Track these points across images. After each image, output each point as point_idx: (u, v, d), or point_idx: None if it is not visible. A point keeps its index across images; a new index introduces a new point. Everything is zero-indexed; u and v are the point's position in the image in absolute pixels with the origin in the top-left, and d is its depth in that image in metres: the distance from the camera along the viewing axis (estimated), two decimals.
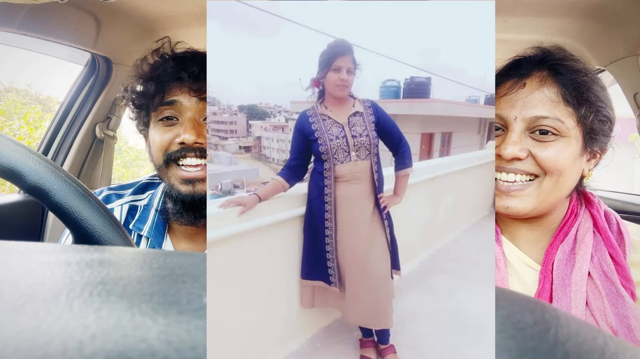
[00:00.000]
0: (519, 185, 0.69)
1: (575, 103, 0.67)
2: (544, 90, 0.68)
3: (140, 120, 0.91)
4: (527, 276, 0.72)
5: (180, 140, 0.83)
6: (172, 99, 0.84)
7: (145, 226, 0.91)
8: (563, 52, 0.73)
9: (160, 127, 0.86)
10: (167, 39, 0.92)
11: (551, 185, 0.68)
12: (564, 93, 0.67)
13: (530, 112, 0.67)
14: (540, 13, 1.16)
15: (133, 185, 1.00)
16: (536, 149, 0.67)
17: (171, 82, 0.84)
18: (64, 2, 0.91)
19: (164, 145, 0.85)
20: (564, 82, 0.67)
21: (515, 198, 0.69)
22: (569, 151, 0.67)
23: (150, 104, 0.86)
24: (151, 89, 0.84)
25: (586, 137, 0.68)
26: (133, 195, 0.97)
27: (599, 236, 0.71)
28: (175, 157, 0.84)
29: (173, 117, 0.85)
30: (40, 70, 13.42)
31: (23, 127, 6.21)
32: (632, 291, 0.66)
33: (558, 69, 0.69)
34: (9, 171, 0.41)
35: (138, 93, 0.87)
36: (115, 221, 0.44)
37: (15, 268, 0.21)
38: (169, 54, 0.90)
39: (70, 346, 0.14)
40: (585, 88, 0.67)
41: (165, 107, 0.85)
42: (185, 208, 0.86)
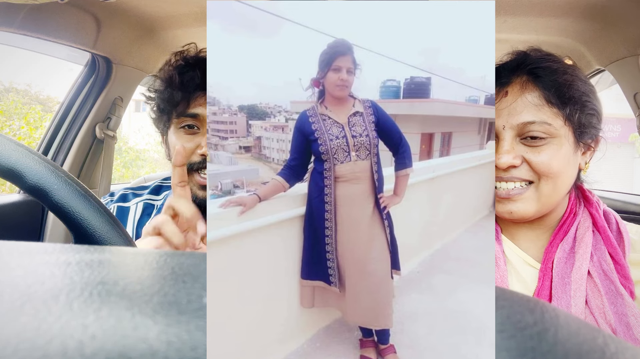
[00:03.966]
0: (519, 189, 0.69)
1: (559, 103, 0.67)
2: (526, 95, 0.68)
3: (160, 122, 0.93)
4: (527, 275, 0.73)
5: (202, 152, 0.86)
6: (195, 112, 0.87)
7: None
8: (539, 52, 0.73)
9: (182, 134, 0.89)
10: (194, 45, 0.94)
11: (550, 187, 0.68)
12: (546, 96, 0.67)
13: (516, 119, 0.68)
14: (540, 13, 1.16)
15: (150, 186, 1.03)
16: (529, 154, 0.68)
17: (197, 91, 0.87)
18: (64, 2, 0.92)
19: (186, 153, 0.88)
20: (544, 84, 0.68)
21: (517, 202, 0.69)
22: (562, 152, 0.67)
23: (174, 110, 0.88)
24: (178, 97, 0.86)
25: (576, 133, 0.68)
26: (150, 194, 1.00)
27: (598, 235, 0.71)
28: (197, 168, 0.88)
29: (194, 126, 0.88)
30: (40, 70, 13.42)
31: (23, 127, 6.21)
32: (631, 290, 0.66)
33: (537, 72, 0.69)
34: (9, 171, 0.41)
35: (164, 99, 0.88)
36: (115, 221, 0.44)
37: (15, 268, 0.21)
38: (193, 61, 0.91)
39: (70, 346, 0.14)
40: (567, 87, 0.67)
41: (189, 118, 0.88)
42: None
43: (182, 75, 0.88)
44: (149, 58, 1.48)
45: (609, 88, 1.47)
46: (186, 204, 0.61)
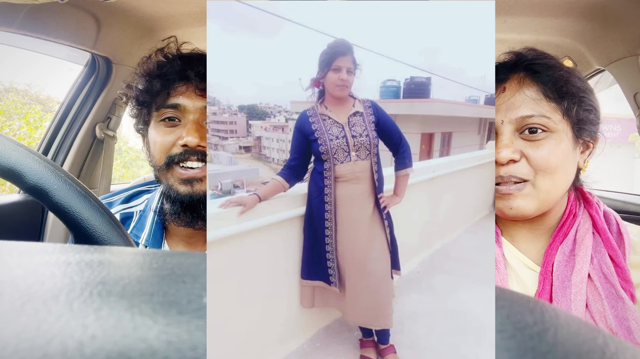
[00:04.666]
0: (519, 185, 0.69)
1: (557, 97, 0.68)
2: (524, 90, 0.69)
3: (140, 118, 0.90)
4: (527, 278, 0.72)
5: (183, 142, 0.82)
6: (175, 102, 0.84)
7: (143, 234, 0.90)
8: (535, 51, 0.74)
9: (162, 127, 0.86)
10: (174, 38, 0.91)
11: (548, 183, 0.68)
12: (544, 90, 0.68)
13: (515, 114, 0.68)
14: (540, 13, 1.16)
15: (124, 191, 0.99)
16: (528, 149, 0.68)
17: (177, 81, 0.84)
18: (64, 2, 0.91)
19: (166, 146, 0.84)
20: (541, 79, 0.69)
21: (517, 198, 0.69)
22: (561, 147, 0.68)
23: (153, 102, 0.86)
24: (157, 86, 0.84)
25: (575, 129, 0.69)
26: (123, 204, 0.96)
27: (598, 238, 0.71)
28: (178, 160, 0.83)
29: (175, 118, 0.85)
30: (40, 70, 13.42)
31: (23, 127, 6.21)
32: (632, 293, 0.66)
33: (534, 68, 0.70)
34: (9, 171, 0.41)
35: (143, 90, 0.86)
36: (115, 221, 0.44)
37: (15, 268, 0.21)
38: (174, 53, 0.90)
39: (70, 346, 0.14)
40: (564, 82, 0.68)
41: (169, 109, 0.85)
42: (183, 208, 0.85)
43: (160, 65, 0.86)
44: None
45: (609, 88, 1.47)
46: None
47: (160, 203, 0.92)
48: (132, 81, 0.89)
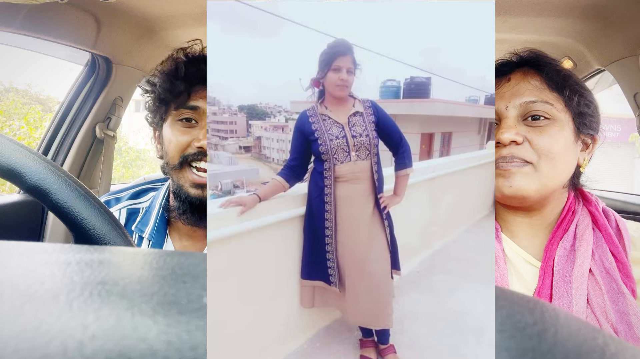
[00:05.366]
0: (519, 164, 0.69)
1: (559, 88, 0.71)
2: (529, 80, 0.73)
3: (157, 114, 0.92)
4: (527, 273, 0.73)
5: (199, 144, 0.86)
6: (195, 105, 0.87)
7: (147, 229, 0.94)
8: (538, 52, 0.78)
9: (178, 127, 0.88)
10: (199, 41, 0.94)
11: (549, 168, 0.69)
12: (547, 81, 0.72)
13: (519, 99, 0.71)
14: (540, 13, 1.16)
15: (131, 188, 1.02)
16: (532, 135, 0.69)
17: (199, 84, 0.87)
18: (64, 2, 0.92)
19: (181, 146, 0.87)
20: (545, 72, 0.72)
21: (517, 175, 0.69)
22: (563, 135, 0.70)
23: (173, 101, 0.88)
24: (180, 87, 0.86)
25: (576, 121, 0.71)
26: (130, 199, 0.99)
27: (599, 233, 0.71)
28: (192, 159, 0.87)
29: (192, 120, 0.88)
30: (40, 70, 13.42)
31: (23, 127, 6.21)
32: (633, 288, 0.66)
33: (537, 63, 0.74)
34: (9, 171, 0.41)
35: (165, 88, 0.88)
36: (115, 221, 0.44)
37: (15, 268, 0.21)
38: (197, 56, 0.92)
39: (70, 346, 0.14)
40: (566, 76, 0.72)
41: (188, 110, 0.87)
42: (192, 209, 0.89)
43: (186, 66, 0.88)
44: (149, 58, 1.48)
45: (609, 88, 1.47)
46: None
47: (166, 199, 0.94)
48: (154, 77, 0.92)
